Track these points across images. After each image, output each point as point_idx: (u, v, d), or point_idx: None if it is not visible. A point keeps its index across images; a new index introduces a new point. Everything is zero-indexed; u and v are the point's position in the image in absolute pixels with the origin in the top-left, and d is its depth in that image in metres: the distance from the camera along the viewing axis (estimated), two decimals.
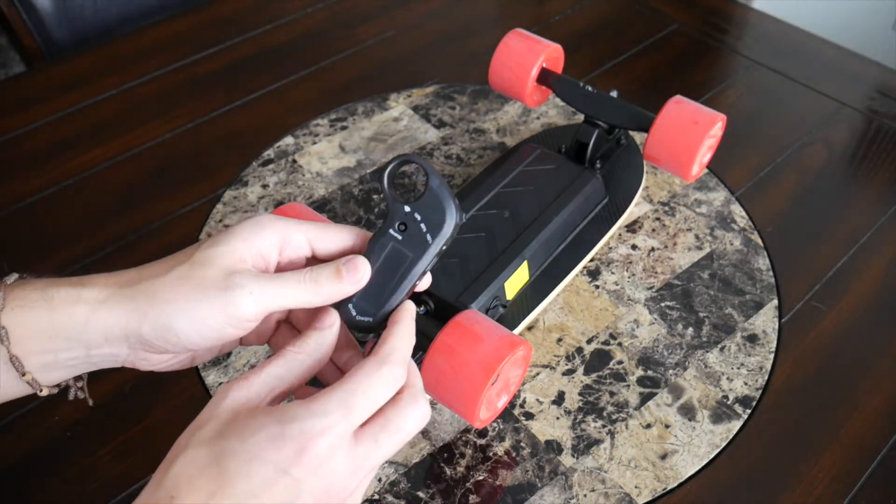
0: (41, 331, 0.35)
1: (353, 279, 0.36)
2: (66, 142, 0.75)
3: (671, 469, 0.50)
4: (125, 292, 0.35)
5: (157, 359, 0.38)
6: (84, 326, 0.35)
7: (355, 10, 0.92)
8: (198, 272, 0.35)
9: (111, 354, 0.36)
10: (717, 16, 0.91)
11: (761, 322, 0.58)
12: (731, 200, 0.68)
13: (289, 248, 0.38)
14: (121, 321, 0.35)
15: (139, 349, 0.36)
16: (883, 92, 0.80)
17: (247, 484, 0.30)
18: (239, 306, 0.35)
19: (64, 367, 0.37)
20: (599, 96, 0.63)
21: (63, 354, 0.36)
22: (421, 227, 0.36)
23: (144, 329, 0.35)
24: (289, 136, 0.75)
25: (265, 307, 0.35)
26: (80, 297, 0.35)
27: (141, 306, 0.35)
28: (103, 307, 0.35)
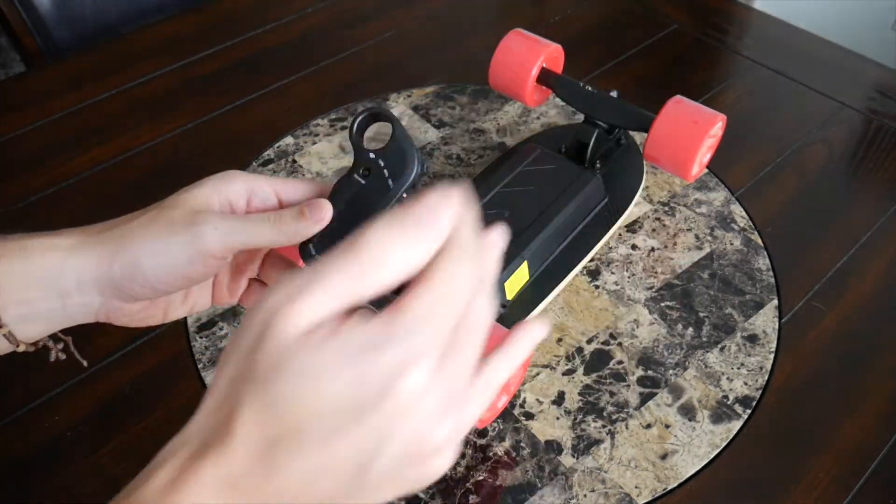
0: (17, 280, 0.36)
1: (316, 218, 0.37)
2: (66, 142, 0.75)
3: (671, 469, 0.50)
4: (96, 238, 0.37)
5: (129, 308, 0.39)
6: (58, 273, 0.36)
7: (355, 10, 0.92)
8: (165, 213, 0.36)
9: (84, 304, 0.37)
10: (717, 16, 0.91)
11: (761, 322, 0.58)
12: (731, 200, 0.68)
13: (256, 199, 0.39)
14: (91, 264, 0.36)
15: (110, 296, 0.37)
16: (883, 92, 0.80)
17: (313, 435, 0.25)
18: (204, 239, 0.35)
19: (40, 320, 0.37)
20: (599, 96, 0.63)
21: (39, 305, 0.36)
22: (384, 173, 0.38)
23: (114, 269, 0.36)
24: (289, 136, 0.75)
25: (229, 243, 0.36)
26: (54, 245, 0.36)
27: (110, 248, 0.36)
28: (74, 252, 0.36)
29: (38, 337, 0.38)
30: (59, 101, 0.80)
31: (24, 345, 0.37)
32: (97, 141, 0.75)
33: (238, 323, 0.58)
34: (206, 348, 0.57)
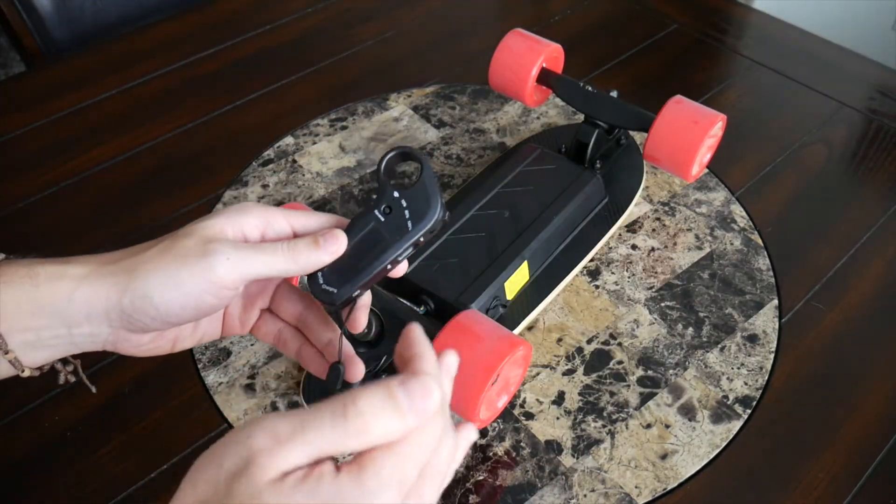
0: (25, 307, 0.35)
1: (330, 249, 0.37)
2: (66, 142, 0.75)
3: (671, 469, 0.50)
4: (108, 268, 0.36)
5: (138, 339, 0.38)
6: (67, 303, 0.35)
7: (355, 10, 0.92)
8: (178, 243, 0.36)
9: (92, 334, 0.36)
10: (717, 16, 0.91)
11: (761, 322, 0.58)
12: (731, 200, 0.68)
13: (271, 231, 0.38)
14: (101, 295, 0.35)
15: (120, 327, 0.36)
16: (883, 92, 0.80)
17: None
18: (217, 271, 0.35)
19: (46, 347, 0.36)
20: (599, 96, 0.63)
21: (45, 333, 0.36)
22: (405, 214, 0.37)
23: (125, 302, 0.35)
24: (289, 136, 0.75)
25: (242, 273, 0.36)
26: (64, 274, 0.36)
27: (122, 279, 0.35)
28: (85, 282, 0.35)
29: (43, 363, 0.38)
30: (59, 101, 0.80)
31: (29, 370, 0.37)
32: (97, 141, 0.75)
33: None
34: (206, 348, 0.57)
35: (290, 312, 0.42)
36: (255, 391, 0.54)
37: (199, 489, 0.28)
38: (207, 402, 0.54)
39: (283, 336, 0.42)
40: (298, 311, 0.42)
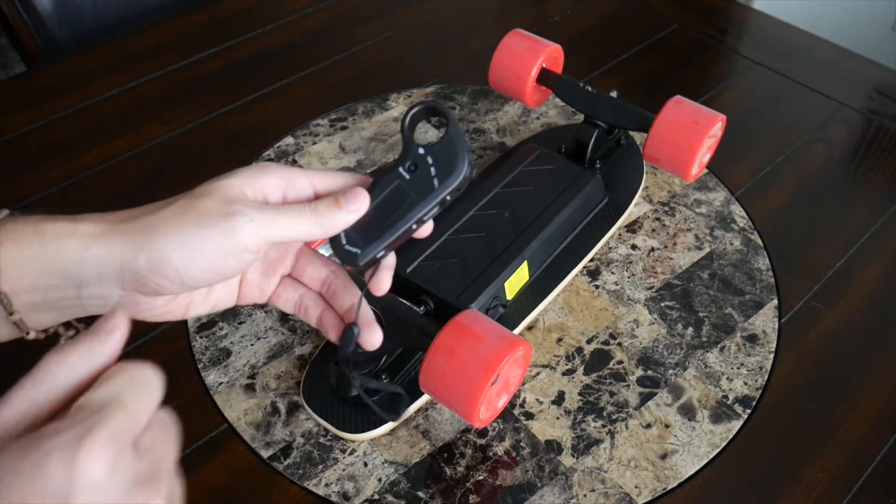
0: (32, 266, 0.33)
1: (351, 208, 0.36)
2: (66, 142, 0.75)
3: (671, 469, 0.50)
4: (121, 227, 0.34)
5: (150, 303, 0.36)
6: (78, 262, 0.34)
7: (355, 10, 0.92)
8: (198, 203, 0.34)
9: (101, 296, 0.35)
10: (717, 16, 0.91)
11: (761, 322, 0.58)
12: (731, 200, 0.68)
13: (292, 192, 0.37)
14: (115, 255, 0.34)
15: (132, 289, 0.35)
16: (883, 92, 0.80)
17: None
18: (240, 233, 0.34)
19: (53, 309, 0.35)
20: (599, 96, 0.63)
21: (53, 293, 0.34)
22: (430, 171, 0.36)
23: (140, 262, 0.33)
24: (289, 136, 0.75)
25: (266, 236, 0.34)
26: (74, 232, 0.34)
27: (137, 238, 0.34)
28: (98, 241, 0.34)
29: (49, 325, 0.36)
30: (59, 101, 0.80)
31: (35, 332, 0.35)
32: (97, 141, 0.75)
33: (238, 324, 0.58)
34: (206, 348, 0.57)
35: (313, 277, 0.41)
36: (255, 391, 0.54)
37: None
38: (207, 402, 0.54)
39: (304, 302, 0.41)
40: (323, 276, 0.41)
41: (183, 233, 0.34)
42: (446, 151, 0.36)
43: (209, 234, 0.33)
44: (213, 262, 0.34)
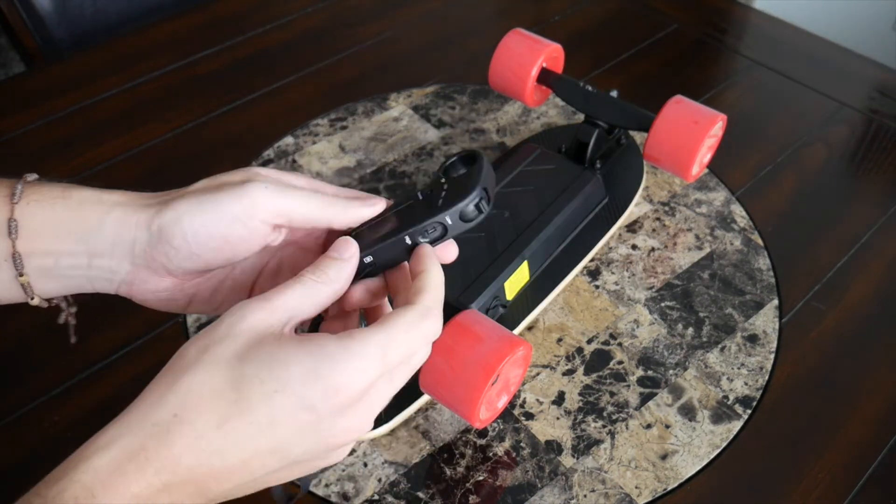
0: (50, 227, 0.35)
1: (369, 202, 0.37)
2: (66, 142, 0.75)
3: (671, 469, 0.50)
4: (144, 200, 0.36)
5: (156, 283, 0.37)
6: (96, 227, 0.35)
7: (355, 10, 0.92)
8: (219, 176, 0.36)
9: (111, 270, 0.36)
10: (717, 16, 0.91)
11: (761, 322, 0.58)
12: (731, 200, 0.68)
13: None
14: (132, 222, 0.35)
15: (141, 264, 0.36)
16: (883, 92, 0.80)
17: (266, 414, 0.29)
18: (253, 195, 0.35)
19: (61, 277, 0.36)
20: (599, 96, 0.63)
21: (64, 260, 0.35)
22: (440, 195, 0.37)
23: (153, 228, 0.35)
24: (289, 136, 0.75)
25: (277, 205, 0.35)
26: (99, 199, 0.35)
27: (155, 208, 0.35)
28: (119, 208, 0.35)
29: (52, 295, 0.37)
30: (59, 101, 0.80)
31: (39, 298, 0.36)
32: (97, 141, 0.75)
33: None
34: None
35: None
36: None
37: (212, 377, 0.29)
38: None
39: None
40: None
41: (198, 198, 0.35)
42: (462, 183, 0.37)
43: (221, 196, 0.35)
44: (221, 227, 0.35)
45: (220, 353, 0.30)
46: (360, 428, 0.32)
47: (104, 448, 0.28)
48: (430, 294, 0.34)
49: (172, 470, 0.28)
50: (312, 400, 0.29)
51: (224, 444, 0.28)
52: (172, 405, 0.28)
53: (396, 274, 0.38)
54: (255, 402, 0.29)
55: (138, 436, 0.28)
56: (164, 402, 0.29)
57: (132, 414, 0.29)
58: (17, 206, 0.34)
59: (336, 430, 0.31)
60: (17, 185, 0.35)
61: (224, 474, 0.29)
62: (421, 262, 0.35)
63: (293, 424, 0.29)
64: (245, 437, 0.29)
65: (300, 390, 0.29)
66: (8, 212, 0.34)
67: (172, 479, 0.28)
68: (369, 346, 0.31)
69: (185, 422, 0.28)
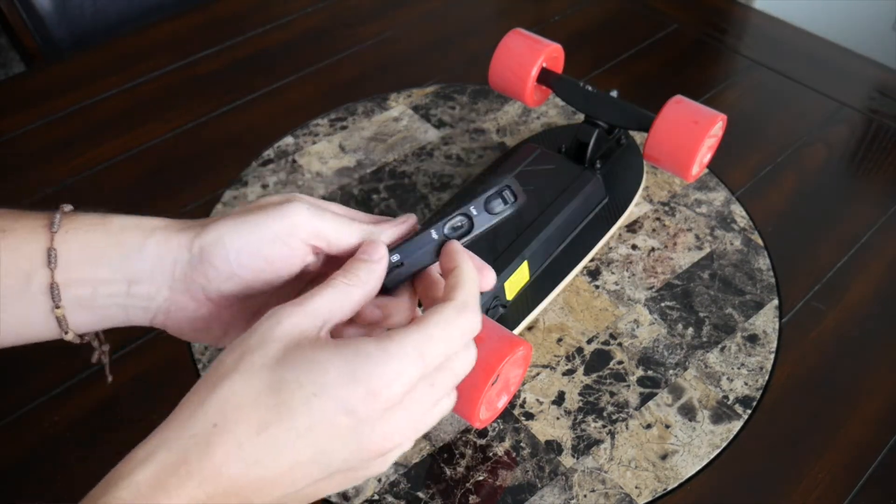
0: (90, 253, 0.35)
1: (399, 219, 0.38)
2: (66, 142, 0.75)
3: (671, 469, 0.50)
4: (184, 224, 0.36)
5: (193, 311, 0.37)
6: (137, 250, 0.35)
7: (355, 10, 0.92)
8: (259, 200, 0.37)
9: (148, 297, 0.35)
10: (717, 16, 0.91)
11: (761, 322, 0.58)
12: (731, 200, 0.68)
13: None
14: (173, 244, 0.35)
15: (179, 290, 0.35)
16: (883, 92, 0.80)
17: (306, 419, 0.28)
18: (293, 213, 0.35)
19: (97, 308, 0.35)
20: (599, 96, 0.63)
21: (103, 289, 0.35)
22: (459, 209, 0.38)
23: (194, 250, 0.35)
24: (289, 136, 0.75)
25: (316, 225, 0.35)
26: (139, 224, 0.36)
27: (195, 230, 0.35)
28: (160, 231, 0.35)
29: (87, 329, 0.37)
30: (59, 101, 0.80)
31: (73, 333, 0.36)
32: (97, 141, 0.75)
33: None
34: (206, 348, 0.57)
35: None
36: None
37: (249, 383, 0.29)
38: None
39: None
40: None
41: (239, 220, 0.35)
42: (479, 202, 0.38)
43: (262, 216, 0.35)
44: (262, 247, 0.35)
45: (256, 360, 0.30)
46: (401, 434, 0.31)
47: (144, 462, 0.27)
48: (465, 289, 0.33)
49: (215, 481, 0.27)
50: (351, 403, 0.29)
51: (265, 452, 0.28)
52: (211, 415, 0.28)
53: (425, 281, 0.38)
54: (294, 407, 0.28)
55: (178, 448, 0.28)
56: (203, 412, 0.28)
57: (170, 426, 0.29)
58: (56, 236, 0.34)
59: (376, 436, 0.30)
60: (55, 216, 0.35)
61: (266, 485, 0.29)
62: (452, 259, 0.35)
63: (332, 429, 0.29)
64: (285, 443, 0.28)
65: (338, 393, 0.29)
66: (47, 241, 0.34)
67: (215, 491, 0.28)
68: (406, 346, 0.30)
69: (224, 430, 0.28)
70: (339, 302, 0.33)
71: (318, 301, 0.32)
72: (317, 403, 0.29)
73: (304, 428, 0.28)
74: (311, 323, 0.31)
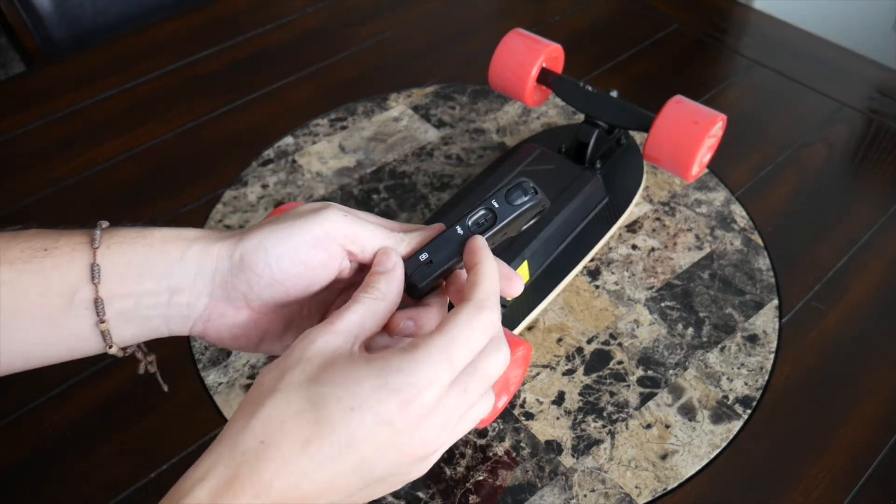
0: (134, 267, 0.35)
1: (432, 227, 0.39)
2: (66, 142, 0.75)
3: (671, 469, 0.50)
4: (222, 234, 0.37)
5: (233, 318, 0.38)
6: (179, 261, 0.36)
7: (355, 10, 0.92)
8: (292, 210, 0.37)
9: (189, 305, 0.37)
10: (717, 16, 0.91)
11: (761, 322, 0.58)
12: (731, 200, 0.68)
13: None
14: (213, 252, 0.36)
15: (220, 297, 0.37)
16: (883, 92, 0.80)
17: (345, 433, 0.30)
18: (331, 218, 0.36)
19: (139, 319, 0.36)
20: (599, 96, 0.63)
21: (146, 300, 0.36)
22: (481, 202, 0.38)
23: (235, 258, 0.36)
24: (289, 136, 0.75)
25: (352, 230, 0.36)
26: (178, 236, 0.36)
27: (235, 239, 0.36)
28: (199, 241, 0.36)
29: (130, 342, 0.38)
30: (59, 101, 0.80)
31: (117, 347, 0.37)
32: (97, 141, 0.75)
33: None
34: (206, 348, 0.57)
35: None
36: None
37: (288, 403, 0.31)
38: (207, 402, 0.54)
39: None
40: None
41: (277, 228, 0.36)
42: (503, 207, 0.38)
43: (301, 222, 0.36)
44: (302, 251, 0.36)
45: (295, 378, 0.31)
46: (437, 440, 0.32)
47: (202, 480, 0.29)
48: (483, 286, 0.34)
49: (266, 495, 0.29)
50: (388, 414, 0.30)
51: (310, 466, 0.30)
52: (257, 432, 0.30)
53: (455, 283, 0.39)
54: (334, 422, 0.30)
55: (231, 465, 0.29)
56: (249, 430, 0.30)
57: (221, 445, 0.30)
58: (98, 251, 0.35)
59: (414, 444, 0.31)
60: (95, 232, 0.36)
61: (312, 496, 0.30)
62: (474, 255, 0.36)
63: (372, 441, 0.30)
64: (328, 457, 0.30)
65: (375, 405, 0.30)
66: (90, 257, 0.35)
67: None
68: (432, 353, 0.32)
69: (271, 447, 0.29)
70: (366, 316, 0.34)
71: (346, 320, 0.33)
72: (355, 417, 0.30)
73: (345, 441, 0.30)
74: (344, 340, 0.33)
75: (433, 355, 0.31)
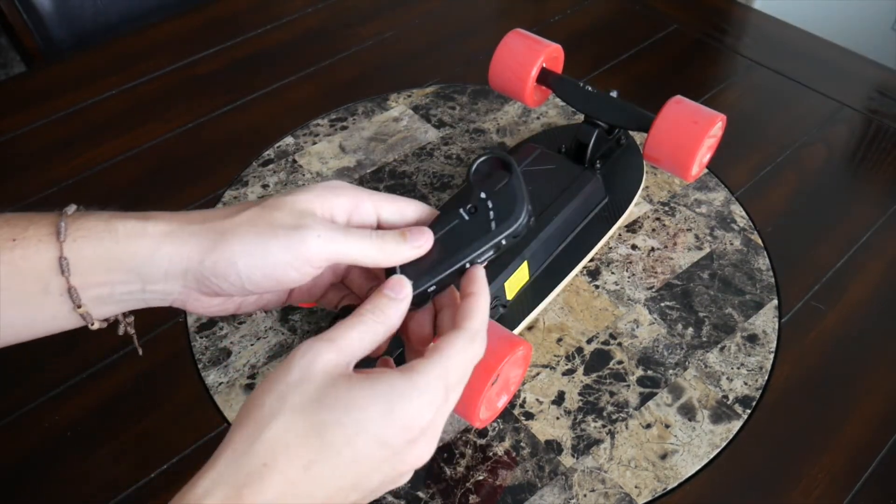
0: (103, 262, 0.35)
1: (416, 244, 0.38)
2: (66, 142, 0.75)
3: (671, 469, 0.50)
4: (192, 228, 0.36)
5: (208, 301, 0.38)
6: (148, 260, 0.36)
7: (355, 10, 0.92)
8: (268, 214, 0.36)
9: (164, 292, 0.37)
10: (717, 16, 0.91)
11: (761, 322, 0.58)
12: (731, 200, 0.68)
13: (357, 215, 0.39)
14: (184, 254, 0.36)
15: (193, 288, 0.37)
16: (883, 92, 0.80)
17: (348, 455, 0.31)
18: (306, 245, 0.35)
19: (117, 302, 0.37)
20: (599, 96, 0.63)
21: (119, 288, 0.36)
22: (489, 215, 0.38)
23: (206, 264, 0.35)
24: (289, 136, 0.75)
25: (330, 253, 0.36)
26: (144, 231, 0.36)
27: (207, 241, 0.36)
28: (168, 240, 0.36)
29: (110, 315, 0.38)
30: (59, 101, 0.80)
31: (98, 322, 0.37)
32: (97, 141, 0.75)
33: (238, 324, 0.58)
34: (206, 348, 0.57)
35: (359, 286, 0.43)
36: None
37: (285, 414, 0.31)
38: (207, 402, 0.54)
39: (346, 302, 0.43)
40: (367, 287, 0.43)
41: (251, 241, 0.35)
42: (507, 199, 0.38)
43: (276, 244, 0.35)
44: (275, 272, 0.36)
45: (297, 401, 0.32)
46: (428, 451, 0.35)
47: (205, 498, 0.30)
48: (478, 318, 0.36)
49: None
50: (388, 438, 0.32)
51: (312, 486, 0.31)
52: (261, 455, 0.30)
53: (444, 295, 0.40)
54: (337, 446, 0.31)
55: (235, 485, 0.30)
56: (253, 452, 0.30)
57: (224, 464, 0.31)
58: (64, 245, 0.35)
59: (408, 459, 0.34)
60: (60, 223, 0.35)
61: None
62: (472, 284, 0.37)
63: (371, 461, 0.32)
64: (330, 477, 0.31)
65: (378, 431, 0.32)
66: (57, 250, 0.35)
67: None
68: (432, 379, 0.33)
69: (275, 470, 0.30)
70: (366, 337, 0.35)
71: (348, 338, 0.34)
72: (358, 441, 0.31)
73: (346, 463, 0.31)
74: (343, 359, 0.34)
75: (431, 383, 0.33)
